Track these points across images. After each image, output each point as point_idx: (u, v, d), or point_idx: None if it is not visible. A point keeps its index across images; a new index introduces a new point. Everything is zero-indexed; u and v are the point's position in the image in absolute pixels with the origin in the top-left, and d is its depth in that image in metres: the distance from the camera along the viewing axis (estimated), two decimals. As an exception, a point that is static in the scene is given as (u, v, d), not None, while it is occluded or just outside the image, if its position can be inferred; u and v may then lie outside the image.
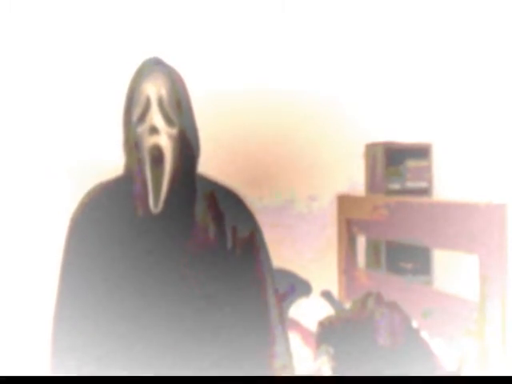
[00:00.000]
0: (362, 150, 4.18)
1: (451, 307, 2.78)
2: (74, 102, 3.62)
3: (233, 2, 3.85)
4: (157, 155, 1.75)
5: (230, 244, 1.84)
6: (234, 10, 3.86)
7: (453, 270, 3.66)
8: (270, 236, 1.97)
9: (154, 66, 1.80)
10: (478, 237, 2.63)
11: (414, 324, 2.57)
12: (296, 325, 2.86)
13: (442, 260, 3.85)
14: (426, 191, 4.10)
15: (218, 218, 1.84)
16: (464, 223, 2.73)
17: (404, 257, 3.94)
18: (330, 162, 4.07)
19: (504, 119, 3.90)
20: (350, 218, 3.77)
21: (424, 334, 2.54)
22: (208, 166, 1.92)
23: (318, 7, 4.02)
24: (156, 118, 1.75)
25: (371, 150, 4.13)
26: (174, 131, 1.77)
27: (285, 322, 1.92)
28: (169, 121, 1.76)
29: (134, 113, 1.77)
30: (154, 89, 1.77)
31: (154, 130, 1.75)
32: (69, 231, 1.86)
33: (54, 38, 3.58)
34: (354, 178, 4.16)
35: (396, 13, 4.12)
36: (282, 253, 3.40)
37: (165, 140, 1.76)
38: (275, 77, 3.94)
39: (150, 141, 1.75)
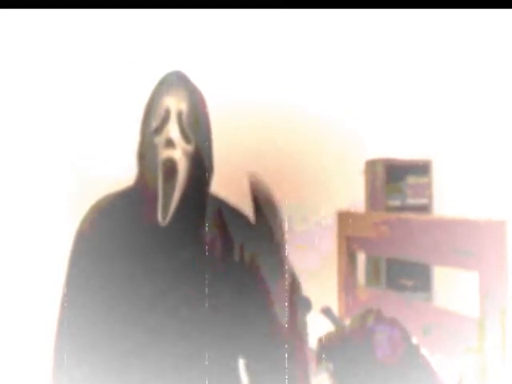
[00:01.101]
0: (362, 166, 4.19)
1: (451, 324, 2.77)
2: (82, 112, 3.64)
3: (234, 20, 3.87)
4: (170, 169, 1.73)
5: (236, 262, 1.84)
6: (235, 28, 3.88)
7: (453, 286, 3.65)
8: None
9: (177, 80, 1.79)
10: (478, 253, 2.62)
11: (414, 340, 2.56)
12: (296, 341, 2.85)
13: (442, 277, 3.85)
14: (426, 208, 4.11)
15: (225, 236, 1.84)
16: (464, 240, 2.73)
17: (404, 274, 3.94)
18: (330, 179, 4.08)
19: (504, 136, 3.91)
20: (350, 234, 3.76)
21: (424, 351, 2.53)
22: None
23: (320, 25, 4.04)
24: (173, 131, 1.73)
25: (371, 166, 4.14)
26: (190, 148, 1.76)
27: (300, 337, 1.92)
28: (185, 136, 1.75)
29: (151, 123, 1.76)
30: (175, 102, 1.75)
31: (169, 143, 1.73)
32: (74, 242, 1.85)
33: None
34: (354, 195, 4.16)
35: (396, 29, 4.14)
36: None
37: (179, 155, 1.74)
38: (275, 93, 3.95)
39: (164, 153, 1.73)
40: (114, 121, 3.65)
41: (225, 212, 1.89)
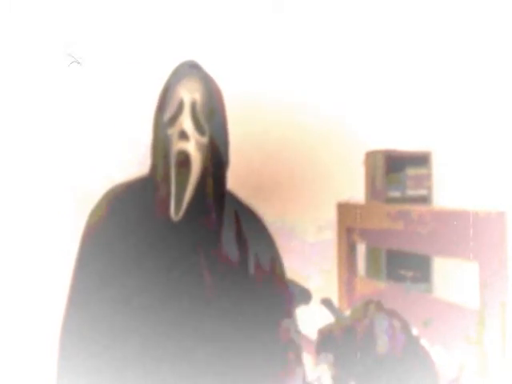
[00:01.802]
0: (361, 157, 4.18)
1: (451, 315, 2.78)
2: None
3: (234, 16, 3.86)
4: (183, 161, 1.68)
5: (251, 268, 1.81)
6: (236, 24, 3.87)
7: (453, 277, 3.65)
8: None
9: (191, 70, 1.75)
10: (478, 245, 2.63)
11: (414, 332, 2.57)
12: (296, 333, 2.85)
13: (442, 268, 3.85)
14: (425, 199, 4.10)
15: (241, 240, 1.80)
16: (464, 231, 2.73)
17: (404, 265, 3.94)
18: (330, 170, 4.07)
19: (504, 127, 3.90)
20: (350, 226, 3.77)
21: (424, 342, 2.54)
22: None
23: (319, 19, 4.03)
24: (187, 122, 1.69)
25: (371, 157, 4.13)
26: (204, 139, 1.72)
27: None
28: (199, 128, 1.71)
29: (165, 114, 1.71)
30: (189, 93, 1.71)
31: (183, 135, 1.69)
32: (84, 235, 1.80)
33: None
34: (353, 186, 4.16)
35: (395, 21, 4.13)
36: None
37: (193, 146, 1.69)
38: (275, 86, 3.94)
39: (177, 145, 1.69)
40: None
41: (241, 215, 1.85)
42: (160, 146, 1.71)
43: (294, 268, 3.60)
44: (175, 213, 1.67)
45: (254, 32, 3.92)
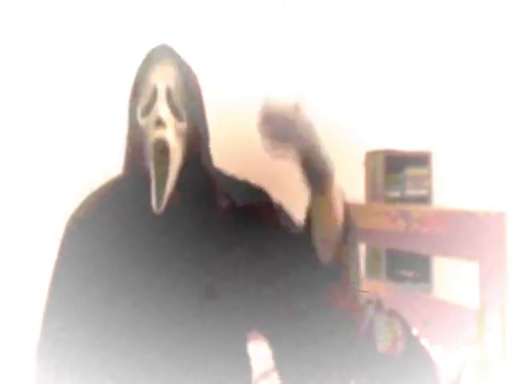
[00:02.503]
0: (362, 158, 4.18)
1: (451, 315, 2.78)
2: (75, 103, 3.63)
3: (231, 13, 3.86)
4: (162, 150, 1.55)
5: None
6: (234, 21, 3.87)
7: (453, 277, 3.66)
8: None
9: (163, 55, 1.62)
10: (477, 245, 2.63)
11: (414, 331, 2.56)
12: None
13: (442, 268, 3.85)
14: (425, 199, 4.11)
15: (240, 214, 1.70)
16: (464, 231, 2.73)
17: (404, 265, 3.94)
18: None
19: (503, 128, 3.90)
20: (350, 225, 3.76)
21: (424, 342, 2.54)
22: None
23: (319, 16, 4.03)
24: (162, 109, 1.56)
25: (371, 158, 4.14)
26: (183, 126, 1.59)
27: None
28: (177, 114, 1.59)
29: (139, 104, 1.60)
30: (162, 79, 1.58)
31: (159, 123, 1.55)
32: (66, 231, 1.73)
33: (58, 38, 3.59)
34: (353, 186, 4.16)
35: (396, 21, 4.13)
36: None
37: (171, 133, 1.57)
38: (273, 84, 3.94)
39: (154, 134, 1.55)
40: (105, 109, 3.63)
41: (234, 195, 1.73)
42: (136, 138, 1.60)
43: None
44: (157, 205, 1.57)
45: (254, 32, 3.93)
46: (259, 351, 1.86)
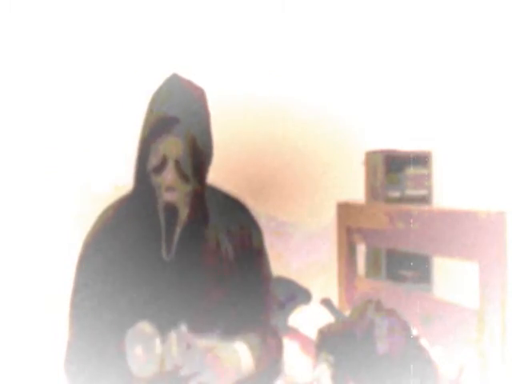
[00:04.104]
0: (361, 157, 4.18)
1: (451, 315, 2.78)
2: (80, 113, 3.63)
3: (229, 11, 3.86)
4: (171, 210, 1.77)
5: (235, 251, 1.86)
6: (231, 20, 3.87)
7: (453, 277, 3.65)
8: (269, 244, 1.97)
9: (170, 126, 1.74)
10: (477, 245, 2.63)
11: (414, 332, 2.56)
12: (295, 333, 2.86)
13: (442, 268, 3.85)
14: (425, 199, 4.10)
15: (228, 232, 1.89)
16: (464, 231, 2.73)
17: (404, 265, 3.93)
18: (330, 170, 4.08)
19: (504, 127, 3.90)
20: (350, 225, 3.77)
21: (424, 342, 2.54)
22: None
23: (319, 16, 4.03)
24: (172, 177, 1.75)
25: (371, 157, 4.13)
26: (189, 188, 1.78)
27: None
28: (184, 178, 1.76)
29: (148, 163, 1.76)
30: (171, 151, 1.74)
31: (169, 189, 1.76)
32: (82, 254, 1.87)
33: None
34: (353, 186, 4.16)
35: (395, 20, 4.13)
36: (282, 260, 3.41)
37: (179, 198, 1.77)
38: (274, 84, 3.94)
39: (165, 197, 1.76)
40: (113, 123, 3.64)
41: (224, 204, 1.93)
42: (146, 191, 1.78)
43: (293, 268, 3.61)
44: (166, 254, 1.79)
45: (254, 32, 3.92)
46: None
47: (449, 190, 4.08)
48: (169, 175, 1.75)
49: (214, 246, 1.86)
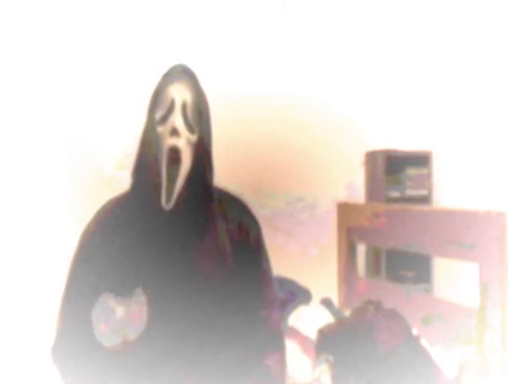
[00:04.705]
0: (362, 157, 4.18)
1: (451, 315, 2.78)
2: (80, 103, 3.63)
3: (230, 10, 3.86)
4: (174, 156, 1.79)
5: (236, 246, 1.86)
6: (232, 18, 3.87)
7: (453, 277, 3.66)
8: (269, 243, 1.97)
9: (182, 73, 1.85)
10: (477, 244, 2.63)
11: (414, 331, 2.56)
12: (295, 333, 2.85)
13: (442, 268, 3.85)
14: (425, 199, 4.11)
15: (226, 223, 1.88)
16: (464, 231, 2.73)
17: (404, 265, 3.94)
18: (330, 170, 4.08)
19: (504, 127, 3.90)
20: (350, 225, 3.77)
21: (424, 342, 2.54)
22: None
23: (319, 15, 4.03)
24: (178, 120, 1.80)
25: (371, 157, 4.14)
26: (194, 138, 1.82)
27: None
28: (189, 126, 1.81)
29: (156, 113, 1.82)
30: (180, 94, 1.82)
31: (174, 132, 1.79)
32: (79, 244, 1.87)
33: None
34: (354, 186, 4.16)
35: (396, 20, 4.13)
36: (282, 260, 3.40)
37: (184, 143, 1.80)
38: (275, 83, 3.95)
39: (169, 142, 1.79)
40: (118, 110, 3.65)
41: (224, 200, 1.93)
42: (151, 143, 1.81)
43: (294, 269, 3.61)
44: (166, 201, 1.78)
45: (254, 32, 3.93)
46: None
47: (449, 190, 4.09)
48: (176, 119, 1.79)
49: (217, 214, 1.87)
